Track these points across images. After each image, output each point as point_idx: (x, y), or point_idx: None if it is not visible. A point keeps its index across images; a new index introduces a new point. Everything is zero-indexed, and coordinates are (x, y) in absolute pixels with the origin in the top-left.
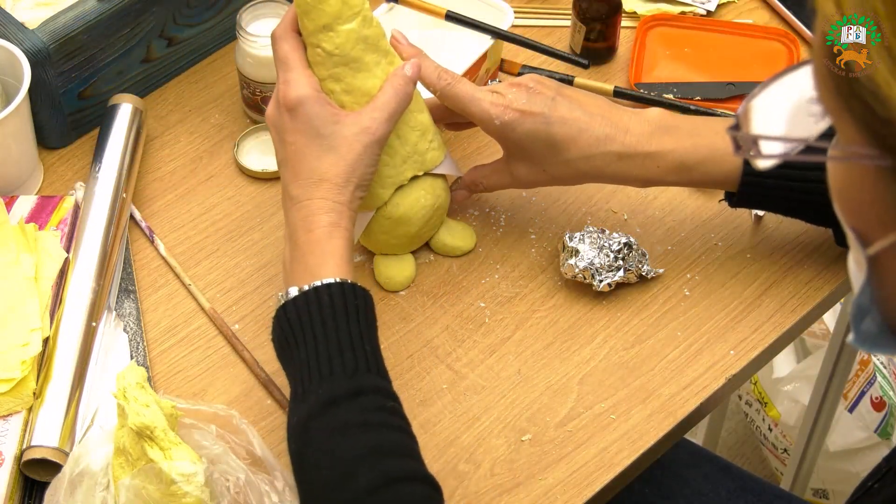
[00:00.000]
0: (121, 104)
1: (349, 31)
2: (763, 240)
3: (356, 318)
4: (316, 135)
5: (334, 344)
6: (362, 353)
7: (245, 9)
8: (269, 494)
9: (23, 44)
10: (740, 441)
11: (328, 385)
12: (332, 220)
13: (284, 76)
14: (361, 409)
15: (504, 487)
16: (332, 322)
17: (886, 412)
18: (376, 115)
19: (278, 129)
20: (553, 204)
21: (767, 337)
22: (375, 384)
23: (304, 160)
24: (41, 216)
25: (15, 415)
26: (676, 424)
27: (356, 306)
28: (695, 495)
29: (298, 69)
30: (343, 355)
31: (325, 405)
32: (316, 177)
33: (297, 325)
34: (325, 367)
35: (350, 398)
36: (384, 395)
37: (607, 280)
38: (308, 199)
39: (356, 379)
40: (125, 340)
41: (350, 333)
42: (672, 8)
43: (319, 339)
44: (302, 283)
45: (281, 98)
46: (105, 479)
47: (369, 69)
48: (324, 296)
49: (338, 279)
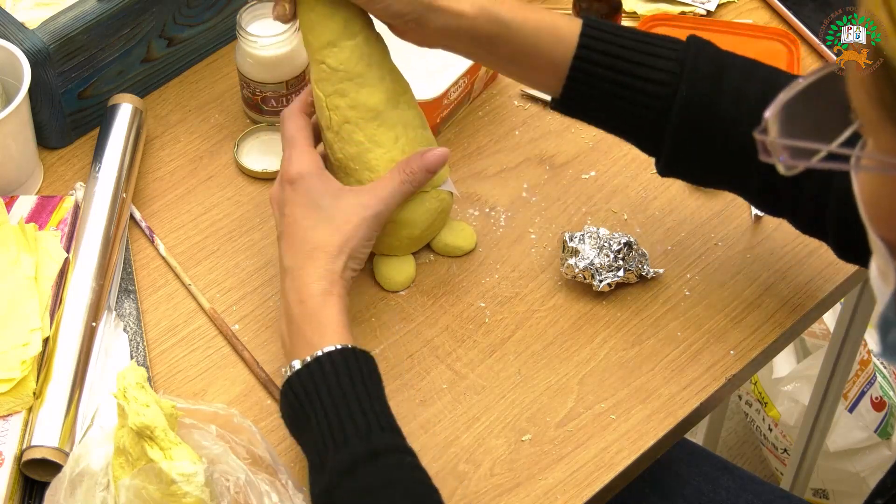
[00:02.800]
0: (121, 104)
1: (353, 47)
2: (763, 240)
3: (361, 380)
4: (314, 206)
5: (344, 409)
6: (373, 415)
7: (245, 9)
8: (269, 494)
9: (23, 44)
10: (740, 441)
11: (345, 451)
12: (323, 288)
13: (289, 153)
14: (383, 470)
15: (504, 487)
16: (337, 388)
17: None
18: (380, 193)
19: (279, 203)
20: (553, 204)
21: (767, 337)
22: (391, 443)
23: (300, 231)
24: (41, 216)
25: (15, 415)
26: (676, 424)
27: (359, 369)
28: (695, 495)
29: (303, 147)
30: (354, 419)
31: (345, 472)
32: (309, 246)
33: (305, 398)
34: (339, 434)
35: (368, 461)
36: (402, 452)
37: (607, 280)
38: (300, 268)
39: (371, 440)
40: (125, 340)
41: (358, 396)
42: (672, 8)
43: (328, 406)
44: (303, 355)
45: (283, 173)
46: (105, 479)
47: (374, 84)
48: (326, 364)
49: (338, 346)
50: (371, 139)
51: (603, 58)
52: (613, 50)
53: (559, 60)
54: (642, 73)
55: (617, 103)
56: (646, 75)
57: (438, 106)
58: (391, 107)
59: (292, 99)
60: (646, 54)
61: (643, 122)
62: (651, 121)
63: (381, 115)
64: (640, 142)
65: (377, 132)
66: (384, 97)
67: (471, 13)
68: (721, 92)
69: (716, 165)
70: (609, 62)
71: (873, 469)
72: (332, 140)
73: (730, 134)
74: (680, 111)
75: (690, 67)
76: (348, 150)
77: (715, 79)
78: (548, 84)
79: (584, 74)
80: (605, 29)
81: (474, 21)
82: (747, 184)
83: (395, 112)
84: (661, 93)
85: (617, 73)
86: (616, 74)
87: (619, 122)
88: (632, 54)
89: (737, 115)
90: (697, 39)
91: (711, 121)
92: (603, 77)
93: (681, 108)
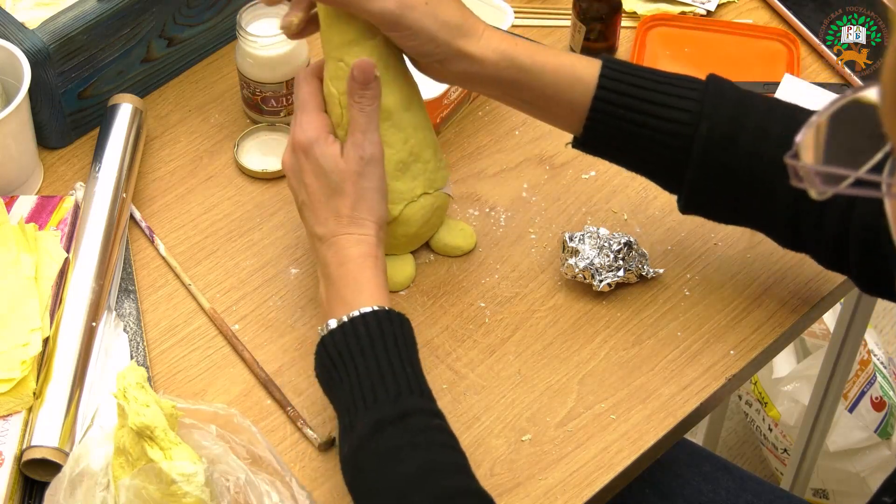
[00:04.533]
0: (121, 104)
1: (373, 47)
2: (763, 240)
3: (394, 342)
4: (324, 174)
5: (375, 371)
6: (404, 377)
7: (245, 9)
8: (270, 494)
9: (23, 44)
10: (740, 441)
11: (373, 412)
12: (362, 251)
13: (299, 117)
14: (408, 431)
15: (504, 487)
16: (370, 350)
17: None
18: (354, 138)
19: (295, 172)
20: (553, 204)
21: (767, 337)
22: (420, 405)
23: (321, 200)
24: (41, 216)
25: (15, 415)
26: (676, 424)
27: (393, 332)
28: (695, 495)
29: (313, 112)
30: (385, 381)
31: (372, 432)
32: (334, 214)
33: (338, 358)
34: (370, 395)
35: (396, 422)
36: (429, 415)
37: (607, 280)
38: (334, 235)
39: (400, 402)
40: (125, 340)
41: (390, 359)
42: (672, 8)
43: (360, 368)
44: (339, 314)
45: (293, 140)
46: (105, 479)
47: (389, 85)
48: (360, 326)
49: (375, 307)
50: (381, 139)
51: (622, 98)
52: (633, 91)
53: (578, 103)
54: (663, 113)
55: (638, 143)
56: (666, 115)
57: (438, 106)
58: (403, 108)
59: (292, 99)
60: (665, 94)
61: (664, 161)
62: (672, 159)
63: (393, 117)
64: (661, 180)
65: (388, 133)
66: (398, 99)
67: (492, 59)
68: (742, 130)
69: (737, 203)
70: (628, 103)
71: (873, 469)
72: (342, 137)
73: (752, 171)
74: (701, 149)
75: (710, 106)
76: None
77: (736, 117)
78: (569, 125)
79: (603, 115)
80: (623, 69)
81: (495, 67)
82: (769, 220)
83: (407, 114)
84: (682, 132)
85: (636, 113)
86: (636, 115)
87: (641, 162)
88: (651, 94)
89: (758, 152)
90: (717, 79)
91: (732, 158)
92: (623, 118)
93: (701, 146)
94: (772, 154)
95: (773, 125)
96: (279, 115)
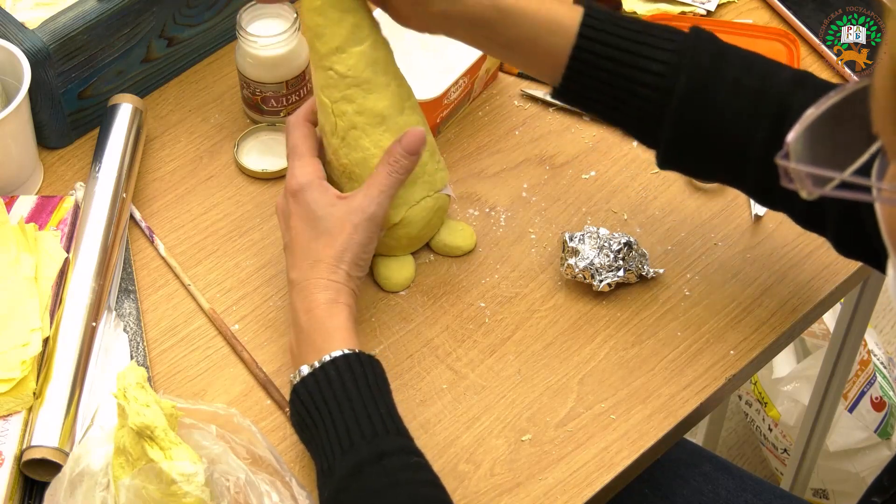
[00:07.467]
0: (121, 104)
1: (361, 53)
2: (763, 240)
3: (366, 384)
4: (313, 218)
5: (349, 414)
6: (378, 417)
7: (245, 9)
8: (270, 494)
9: (23, 44)
10: (740, 441)
11: (351, 455)
12: (329, 297)
13: (292, 164)
14: (387, 472)
15: (504, 487)
16: (343, 394)
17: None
18: (369, 192)
19: (285, 215)
20: (553, 204)
21: (767, 337)
22: (397, 444)
23: (302, 243)
24: (41, 216)
25: (15, 415)
26: (676, 424)
27: (364, 374)
28: (695, 495)
29: (306, 157)
30: (360, 423)
31: (351, 475)
32: (311, 259)
33: (311, 404)
34: (345, 438)
35: (374, 463)
36: (407, 453)
37: (607, 280)
38: (305, 280)
39: (376, 443)
40: (125, 340)
41: (363, 400)
42: (672, 8)
43: (335, 412)
44: (311, 360)
45: (287, 184)
46: (105, 479)
47: (381, 90)
48: (331, 370)
49: (345, 350)
50: (377, 145)
51: (603, 48)
52: (613, 41)
53: (558, 50)
54: (642, 64)
55: (616, 94)
56: (645, 66)
57: (438, 106)
58: (397, 112)
59: (292, 99)
60: (646, 45)
61: (642, 114)
62: (650, 112)
63: (388, 121)
64: (639, 133)
65: (383, 137)
66: (391, 102)
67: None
68: (719, 84)
69: (712, 158)
70: (609, 53)
71: (873, 469)
72: (338, 146)
73: (726, 127)
74: (678, 103)
75: (690, 58)
76: (354, 155)
77: (713, 70)
78: (547, 73)
79: (583, 65)
80: (605, 19)
81: (474, 6)
82: (743, 177)
83: (401, 118)
84: (660, 84)
85: (616, 63)
86: (615, 65)
87: (619, 113)
88: (631, 45)
89: (733, 107)
90: (699, 30)
91: (708, 113)
92: (602, 68)
93: (679, 99)
94: (744, 107)
95: (750, 80)
96: (279, 115)
